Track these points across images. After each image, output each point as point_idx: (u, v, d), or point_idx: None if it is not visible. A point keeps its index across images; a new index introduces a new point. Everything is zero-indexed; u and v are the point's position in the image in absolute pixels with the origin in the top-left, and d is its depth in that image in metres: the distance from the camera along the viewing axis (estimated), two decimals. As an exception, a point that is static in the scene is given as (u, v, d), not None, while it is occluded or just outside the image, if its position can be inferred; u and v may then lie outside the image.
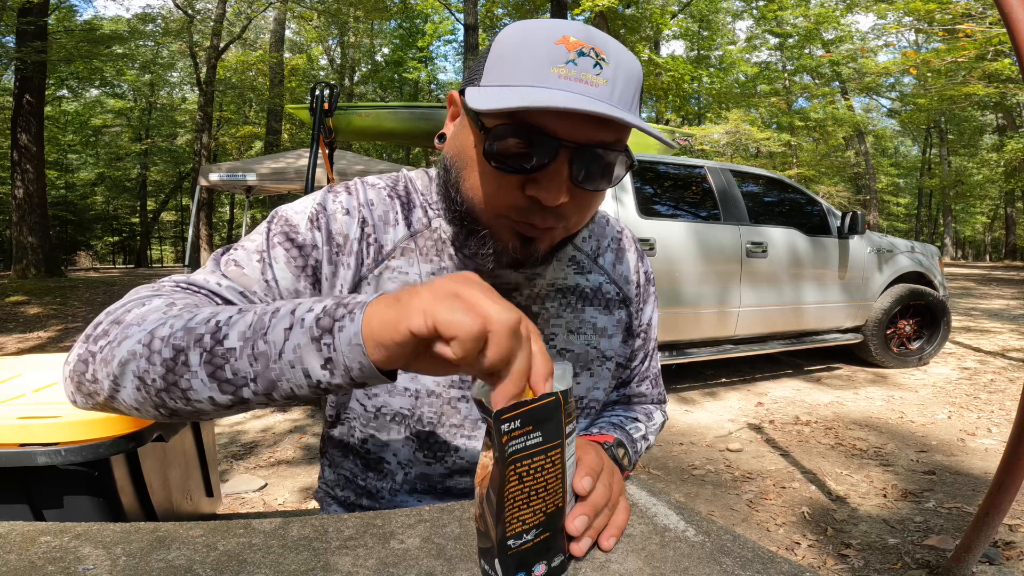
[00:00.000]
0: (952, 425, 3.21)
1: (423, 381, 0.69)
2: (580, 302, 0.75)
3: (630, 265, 0.81)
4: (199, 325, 0.47)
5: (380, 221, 0.69)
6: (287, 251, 0.65)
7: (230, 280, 0.62)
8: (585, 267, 0.76)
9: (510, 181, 0.58)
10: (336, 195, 0.69)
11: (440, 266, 0.69)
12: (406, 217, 0.70)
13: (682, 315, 3.77)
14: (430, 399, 0.70)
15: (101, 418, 1.06)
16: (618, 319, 0.79)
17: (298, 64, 20.47)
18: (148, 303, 0.55)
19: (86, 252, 24.29)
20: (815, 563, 1.87)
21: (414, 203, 0.72)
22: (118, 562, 0.47)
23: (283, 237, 0.66)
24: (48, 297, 7.98)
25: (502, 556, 0.45)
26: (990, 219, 29.29)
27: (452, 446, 0.71)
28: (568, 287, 0.74)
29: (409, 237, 0.69)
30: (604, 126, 0.55)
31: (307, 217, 0.67)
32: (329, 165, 3.76)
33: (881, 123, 27.02)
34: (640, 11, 13.85)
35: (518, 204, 0.59)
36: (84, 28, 12.63)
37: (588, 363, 0.75)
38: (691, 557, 0.51)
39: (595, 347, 0.76)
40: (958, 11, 9.66)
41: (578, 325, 0.74)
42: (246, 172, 6.80)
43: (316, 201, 0.68)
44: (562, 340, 0.73)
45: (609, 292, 0.78)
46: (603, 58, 0.55)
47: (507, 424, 0.42)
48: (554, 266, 0.73)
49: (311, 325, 0.44)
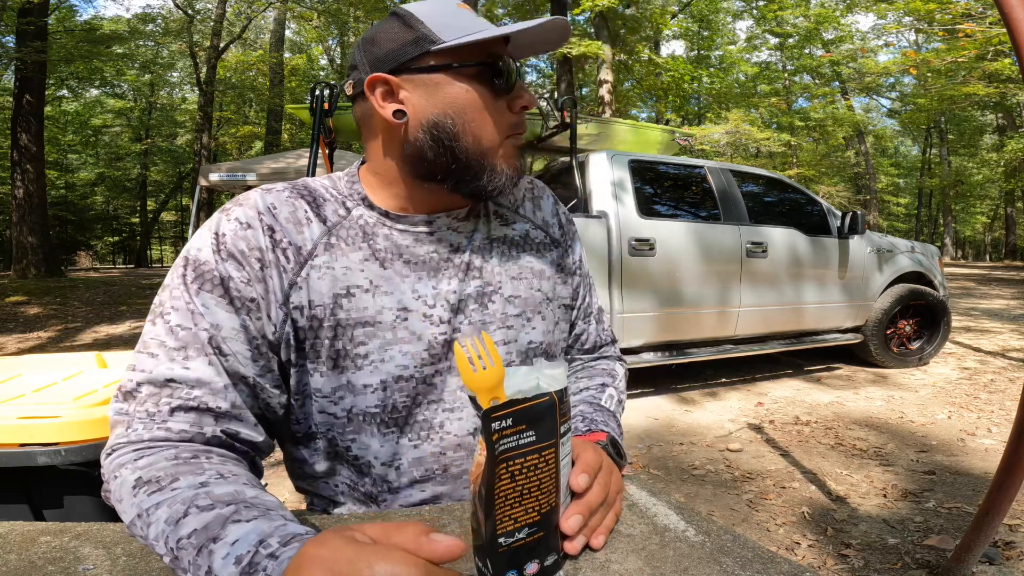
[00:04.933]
0: (952, 425, 3.21)
1: (387, 369, 0.68)
2: (513, 249, 0.78)
3: (548, 209, 0.85)
4: (155, 540, 0.50)
5: (289, 223, 0.67)
6: (211, 293, 0.62)
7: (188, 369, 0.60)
8: (508, 219, 0.80)
9: (501, 105, 0.68)
10: (229, 213, 0.66)
11: (372, 251, 0.69)
12: (317, 214, 0.69)
13: (682, 315, 3.77)
14: (399, 384, 0.69)
15: (101, 418, 1.06)
16: (551, 260, 0.81)
17: (298, 64, 20.47)
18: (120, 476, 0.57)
19: (86, 252, 24.29)
20: (815, 563, 1.87)
21: (323, 198, 0.71)
22: (118, 562, 0.47)
23: (201, 280, 0.63)
24: (48, 297, 7.97)
25: (493, 553, 0.45)
26: (990, 219, 29.28)
27: (436, 422, 0.71)
28: (499, 237, 0.77)
29: (327, 232, 0.68)
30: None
31: (211, 251, 0.63)
32: (329, 165, 3.76)
33: (881, 123, 27.02)
34: (640, 11, 13.84)
35: (515, 120, 0.69)
36: (84, 28, 12.64)
37: (537, 306, 0.77)
38: (691, 557, 0.51)
39: (539, 290, 0.78)
40: (958, 11, 9.65)
41: (518, 271, 0.77)
42: (246, 172, 6.79)
43: (212, 231, 0.65)
44: (508, 288, 0.75)
45: (536, 237, 0.81)
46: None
47: (497, 422, 0.42)
48: (483, 220, 0.77)
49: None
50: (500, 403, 0.43)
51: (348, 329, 0.67)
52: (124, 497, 0.55)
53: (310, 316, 0.66)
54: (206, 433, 0.61)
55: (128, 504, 0.54)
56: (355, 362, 0.67)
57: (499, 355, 0.50)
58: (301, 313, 0.66)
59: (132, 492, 0.54)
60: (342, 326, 0.67)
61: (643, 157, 4.00)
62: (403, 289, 0.69)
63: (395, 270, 0.69)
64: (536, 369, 0.53)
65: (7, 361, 1.43)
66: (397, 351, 0.68)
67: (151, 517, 0.51)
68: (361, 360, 0.67)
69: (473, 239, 0.75)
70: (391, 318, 0.68)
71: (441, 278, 0.71)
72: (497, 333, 0.73)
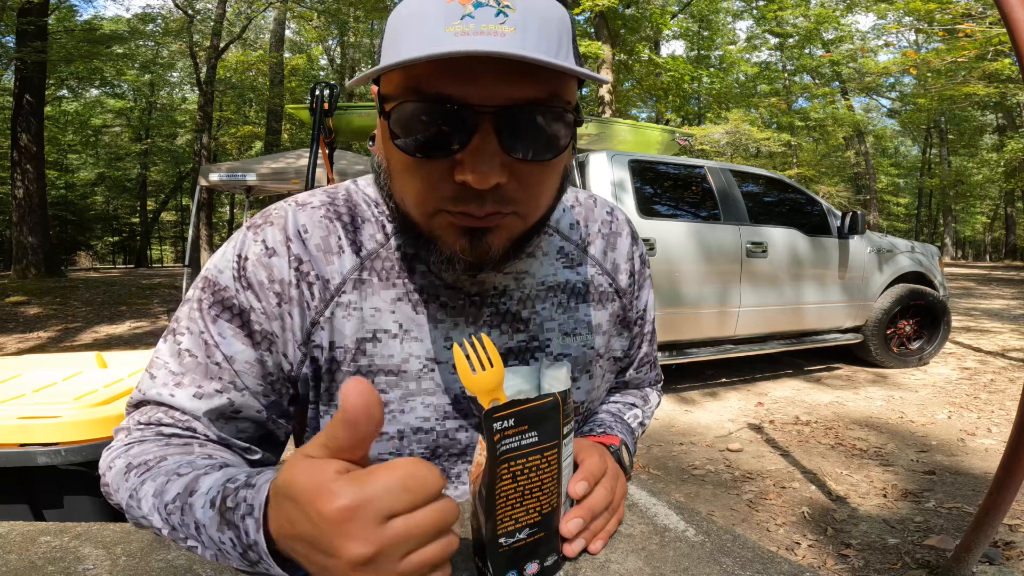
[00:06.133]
0: (952, 425, 3.21)
1: (406, 420, 0.62)
2: (572, 300, 0.68)
3: (622, 252, 0.73)
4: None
5: (319, 251, 0.59)
6: (228, 322, 0.58)
7: (202, 395, 0.58)
8: (575, 259, 0.69)
9: (435, 168, 0.49)
10: (257, 232, 0.59)
11: (405, 290, 0.61)
12: (352, 240, 0.61)
13: (682, 315, 3.77)
14: (417, 436, 0.63)
15: (101, 418, 1.06)
16: (611, 312, 0.72)
17: (298, 64, 20.45)
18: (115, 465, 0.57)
19: (86, 252, 24.28)
20: (815, 563, 1.87)
21: (362, 219, 0.62)
22: (118, 562, 0.47)
23: (220, 308, 0.58)
24: (48, 297, 7.97)
25: (493, 553, 0.45)
26: (990, 219, 29.27)
27: (453, 472, 0.66)
28: (558, 284, 0.67)
29: (359, 266, 0.60)
30: (525, 80, 0.46)
31: (231, 276, 0.58)
32: (329, 165, 3.76)
33: (881, 123, 27.00)
34: (640, 11, 13.84)
35: (449, 194, 0.49)
36: (84, 28, 12.63)
37: (586, 365, 0.70)
38: (691, 557, 0.51)
39: (591, 347, 0.70)
40: (958, 11, 9.66)
41: (573, 326, 0.68)
42: (246, 172, 6.79)
43: (236, 251, 0.59)
44: (557, 345, 0.67)
45: (602, 285, 0.71)
46: (507, 5, 0.46)
47: (499, 423, 0.42)
48: (541, 261, 0.66)
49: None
50: (502, 403, 0.43)
51: (369, 376, 0.61)
52: (119, 484, 0.55)
53: (329, 359, 0.60)
54: (200, 440, 0.61)
55: (122, 490, 0.54)
56: None
57: (499, 356, 0.49)
58: (321, 352, 0.61)
59: (124, 477, 0.55)
60: (363, 373, 0.61)
61: (643, 157, 4.00)
62: (434, 337, 0.62)
63: (429, 314, 0.62)
64: (537, 369, 0.53)
65: (7, 361, 1.44)
66: (419, 402, 0.62)
67: (140, 494, 0.52)
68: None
69: (523, 284, 0.65)
70: (417, 367, 0.61)
71: (481, 326, 0.63)
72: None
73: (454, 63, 0.45)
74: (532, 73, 0.46)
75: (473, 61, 0.44)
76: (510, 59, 0.44)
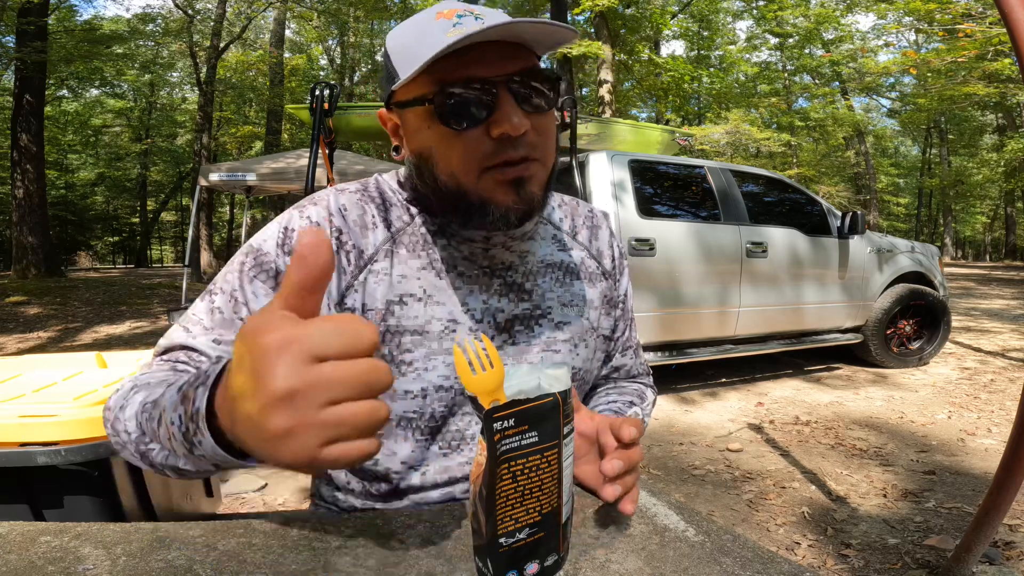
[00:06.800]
0: (952, 425, 3.21)
1: (429, 378, 0.68)
2: (568, 276, 0.78)
3: (604, 240, 0.85)
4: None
5: (356, 226, 0.69)
6: (264, 283, 0.65)
7: (221, 342, 0.64)
8: (566, 244, 0.80)
9: (474, 137, 0.61)
10: (303, 210, 0.69)
11: (429, 260, 0.70)
12: (384, 218, 0.71)
13: (682, 315, 3.77)
14: (439, 394, 0.69)
15: (101, 418, 1.06)
16: (601, 291, 0.82)
17: (298, 64, 20.45)
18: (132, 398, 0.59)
19: (86, 252, 24.29)
20: (815, 563, 1.87)
21: (391, 202, 0.72)
22: (118, 562, 0.47)
23: (258, 270, 0.65)
24: (48, 297, 7.98)
25: (493, 553, 0.45)
26: (990, 219, 29.27)
27: (468, 433, 0.72)
28: (556, 262, 0.78)
29: (390, 238, 0.70)
30: (518, 57, 0.61)
31: (275, 243, 0.66)
32: (329, 165, 3.76)
33: (881, 123, 27.00)
34: (640, 11, 13.84)
35: (489, 150, 0.61)
36: (84, 28, 12.64)
37: (583, 335, 0.78)
38: (691, 557, 0.51)
39: (587, 319, 0.79)
40: (958, 11, 9.66)
41: (570, 298, 0.77)
42: (246, 172, 6.79)
43: (282, 224, 0.68)
44: (558, 314, 0.76)
45: (590, 266, 0.82)
46: (480, 16, 0.62)
47: (500, 423, 0.42)
48: (539, 243, 0.77)
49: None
50: (502, 403, 0.43)
51: (396, 336, 0.68)
52: (117, 401, 0.58)
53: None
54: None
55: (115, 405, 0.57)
56: (399, 368, 0.68)
57: (499, 357, 0.50)
58: (353, 313, 0.67)
59: (124, 395, 0.58)
60: (391, 332, 0.67)
61: (643, 157, 4.00)
62: (455, 301, 0.70)
63: (449, 281, 0.70)
64: (537, 369, 0.53)
65: (7, 361, 1.44)
66: (441, 361, 0.69)
67: (128, 401, 0.55)
68: (405, 367, 0.68)
69: (526, 261, 0.75)
70: (439, 328, 0.69)
71: (492, 294, 0.72)
72: (539, 356, 0.74)
73: (466, 53, 0.59)
74: (517, 53, 0.62)
75: (480, 48, 0.59)
76: (505, 42, 0.60)
